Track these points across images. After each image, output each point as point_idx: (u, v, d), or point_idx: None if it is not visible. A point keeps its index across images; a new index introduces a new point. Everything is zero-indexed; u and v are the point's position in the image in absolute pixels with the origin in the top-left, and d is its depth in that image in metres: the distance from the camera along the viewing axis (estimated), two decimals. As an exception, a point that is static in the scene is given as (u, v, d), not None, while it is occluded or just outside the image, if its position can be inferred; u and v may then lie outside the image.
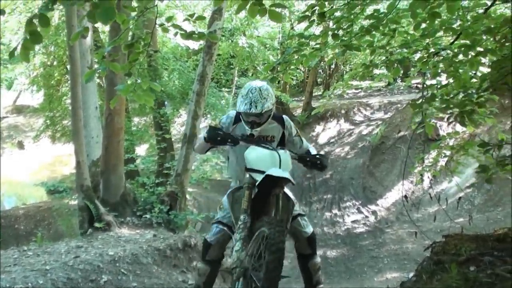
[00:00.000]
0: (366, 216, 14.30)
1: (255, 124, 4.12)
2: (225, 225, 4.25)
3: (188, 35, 3.17)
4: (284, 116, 4.44)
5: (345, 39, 4.20)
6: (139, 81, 3.45)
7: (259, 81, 4.30)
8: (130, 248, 6.27)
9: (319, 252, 11.73)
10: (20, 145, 27.67)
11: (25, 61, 2.83)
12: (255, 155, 3.94)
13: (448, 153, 6.40)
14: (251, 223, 3.88)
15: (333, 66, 28.02)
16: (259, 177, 3.76)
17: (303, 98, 23.43)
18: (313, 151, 4.45)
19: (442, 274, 3.15)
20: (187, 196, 11.02)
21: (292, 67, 4.87)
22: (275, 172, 3.75)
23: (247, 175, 3.95)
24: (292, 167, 4.02)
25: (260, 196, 3.94)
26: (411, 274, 4.06)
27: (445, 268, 3.18)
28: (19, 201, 18.17)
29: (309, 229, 4.47)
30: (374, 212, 14.40)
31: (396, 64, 4.50)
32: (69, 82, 13.87)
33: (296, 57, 4.46)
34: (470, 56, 4.30)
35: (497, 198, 12.09)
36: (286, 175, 3.78)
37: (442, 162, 9.11)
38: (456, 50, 4.37)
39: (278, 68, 4.72)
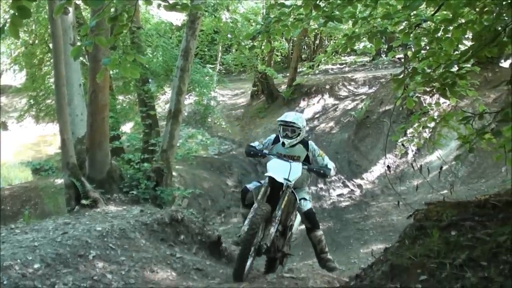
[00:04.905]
0: (352, 190, 14.46)
1: (288, 135, 5.71)
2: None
3: (172, 6, 3.17)
4: (310, 141, 5.93)
5: (327, 10, 4.21)
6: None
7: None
8: (117, 224, 6.29)
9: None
10: (4, 126, 27.43)
11: (15, 38, 2.85)
12: (272, 164, 5.50)
13: (431, 125, 6.47)
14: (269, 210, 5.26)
15: (317, 42, 28.00)
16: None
17: (288, 74, 23.36)
18: (330, 165, 5.76)
19: (424, 239, 3.22)
20: (173, 172, 11.03)
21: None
22: (277, 176, 5.28)
23: (266, 178, 5.46)
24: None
25: (272, 192, 5.36)
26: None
27: (427, 233, 3.25)
28: (4, 182, 18.01)
29: (306, 207, 5.82)
30: (359, 186, 14.57)
31: (378, 35, 4.54)
32: (51, 60, 13.75)
33: (277, 26, 4.48)
34: (451, 31, 4.34)
35: (481, 170, 12.27)
36: (281, 179, 5.28)
37: (426, 135, 9.21)
38: (437, 24, 4.39)
39: (259, 38, 4.74)
